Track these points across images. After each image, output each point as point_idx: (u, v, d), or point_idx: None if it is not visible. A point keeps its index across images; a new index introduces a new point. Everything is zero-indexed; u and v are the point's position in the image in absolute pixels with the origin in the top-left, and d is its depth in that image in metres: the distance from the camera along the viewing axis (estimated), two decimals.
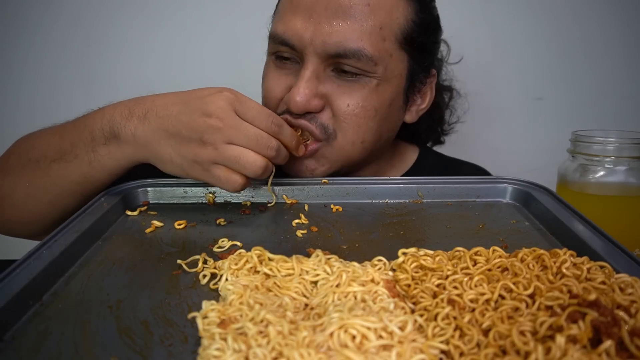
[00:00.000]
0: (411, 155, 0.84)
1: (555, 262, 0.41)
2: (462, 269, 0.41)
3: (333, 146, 0.66)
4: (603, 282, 0.38)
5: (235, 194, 0.63)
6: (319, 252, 0.45)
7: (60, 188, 0.60)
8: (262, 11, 1.01)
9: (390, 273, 0.43)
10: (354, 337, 0.32)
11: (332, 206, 0.61)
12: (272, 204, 0.62)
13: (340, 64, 0.63)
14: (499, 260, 0.42)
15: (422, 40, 0.68)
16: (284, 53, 0.67)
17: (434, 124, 0.88)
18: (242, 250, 0.46)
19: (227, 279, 0.42)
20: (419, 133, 0.86)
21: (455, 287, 0.38)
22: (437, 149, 0.92)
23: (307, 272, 0.42)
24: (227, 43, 1.09)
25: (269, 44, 0.70)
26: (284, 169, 0.68)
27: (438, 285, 0.39)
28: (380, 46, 0.63)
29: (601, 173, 0.66)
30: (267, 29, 0.81)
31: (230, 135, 0.53)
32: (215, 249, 0.50)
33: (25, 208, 0.63)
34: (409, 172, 0.81)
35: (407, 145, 0.86)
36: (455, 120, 0.90)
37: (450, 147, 0.95)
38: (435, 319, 0.35)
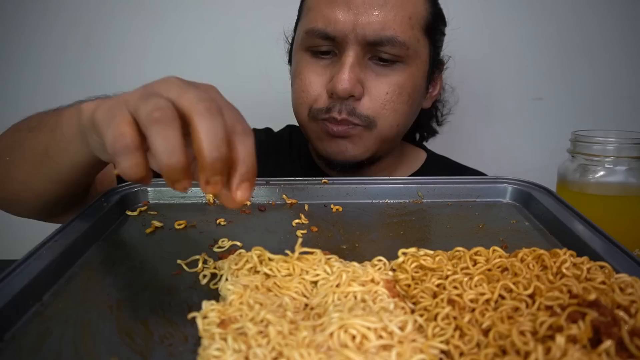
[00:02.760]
0: (418, 158, 0.86)
1: (555, 262, 0.41)
2: (462, 269, 0.41)
3: (372, 132, 0.71)
4: (603, 282, 0.38)
5: None
6: (318, 252, 0.45)
7: (34, 157, 0.56)
8: (262, 11, 1.01)
9: (390, 273, 0.43)
10: (354, 337, 0.32)
11: (332, 206, 0.61)
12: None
13: (377, 52, 0.68)
14: (499, 260, 0.42)
15: (437, 29, 0.75)
16: (321, 47, 0.70)
17: (431, 116, 0.91)
18: (242, 250, 0.46)
19: (227, 279, 0.42)
20: (421, 126, 0.90)
21: (455, 287, 0.38)
22: (438, 147, 0.92)
23: (307, 272, 0.42)
24: (227, 43, 1.10)
25: (304, 39, 0.71)
26: (316, 149, 0.74)
27: (438, 285, 0.39)
28: (410, 33, 0.69)
29: (601, 173, 0.66)
30: (285, 32, 0.83)
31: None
32: (215, 249, 0.50)
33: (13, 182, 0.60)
34: (418, 172, 0.83)
35: (413, 148, 0.88)
36: (447, 112, 0.93)
37: (450, 147, 0.95)
38: (435, 319, 0.35)
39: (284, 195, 0.63)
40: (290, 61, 0.80)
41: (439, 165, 0.86)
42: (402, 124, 0.73)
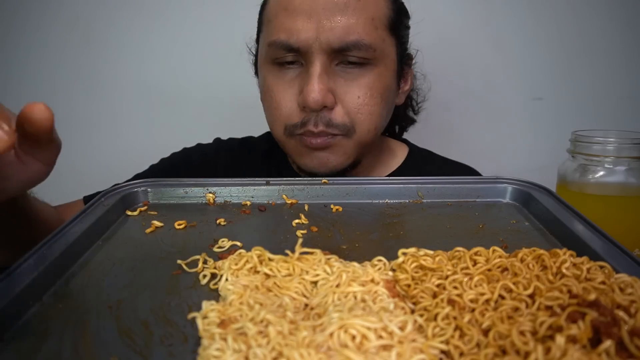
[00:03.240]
0: (400, 153, 0.85)
1: (555, 262, 0.41)
2: (462, 269, 0.41)
3: (352, 139, 0.70)
4: (603, 282, 0.38)
5: (236, 194, 0.63)
6: (318, 252, 0.45)
7: None
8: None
9: (390, 273, 0.43)
10: (354, 337, 0.32)
11: (332, 206, 0.61)
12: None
13: (344, 57, 0.67)
14: (498, 260, 0.42)
15: (401, 25, 0.74)
16: (286, 58, 0.68)
17: (407, 106, 0.91)
18: (242, 250, 0.46)
19: (227, 279, 0.42)
20: (398, 118, 0.89)
21: (455, 287, 0.38)
22: (438, 147, 0.92)
23: (307, 272, 0.42)
24: (227, 43, 1.09)
25: (267, 52, 0.70)
26: (297, 164, 0.73)
27: (438, 286, 0.39)
28: (374, 34, 0.68)
29: (601, 173, 0.66)
30: (247, 43, 0.81)
31: None
32: (215, 249, 0.50)
33: None
34: (399, 169, 0.82)
35: (395, 143, 0.87)
36: (422, 99, 0.93)
37: (450, 147, 0.95)
38: (435, 319, 0.35)
39: (284, 195, 0.63)
40: (256, 73, 0.79)
41: (421, 159, 0.85)
42: (379, 125, 0.73)
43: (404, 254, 0.44)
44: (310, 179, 0.66)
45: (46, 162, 0.45)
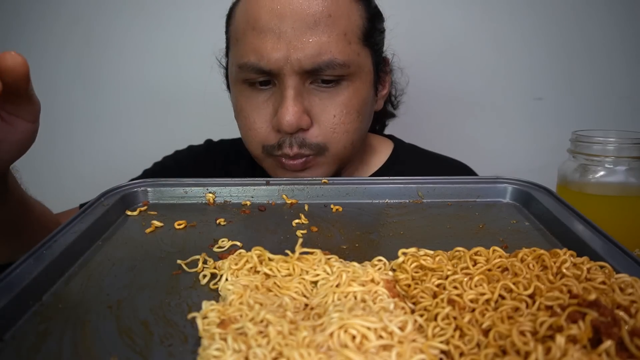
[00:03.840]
0: (385, 149, 0.84)
1: (555, 262, 0.41)
2: (462, 269, 0.41)
3: (326, 156, 0.69)
4: (603, 282, 0.38)
5: (236, 194, 0.63)
6: (318, 252, 0.45)
7: None
8: None
9: (390, 273, 0.43)
10: (354, 337, 0.32)
11: (332, 206, 0.61)
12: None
13: (318, 76, 0.65)
14: (499, 260, 0.42)
15: (375, 32, 0.70)
16: (258, 79, 0.66)
17: (385, 102, 0.88)
18: (242, 250, 0.46)
19: (227, 279, 0.42)
20: (380, 116, 0.87)
21: (455, 287, 0.38)
22: (437, 146, 0.91)
23: (307, 272, 0.42)
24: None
25: (238, 73, 0.67)
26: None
27: (438, 286, 0.39)
28: (348, 50, 0.65)
29: (601, 173, 0.66)
30: (217, 59, 0.79)
31: None
32: (215, 249, 0.50)
33: None
34: (384, 167, 0.81)
35: (378, 140, 0.86)
36: (401, 93, 0.91)
37: (450, 147, 0.95)
38: (435, 319, 0.35)
39: (284, 195, 0.63)
40: (228, 87, 0.76)
41: (406, 155, 0.84)
42: (356, 139, 0.71)
43: (404, 254, 0.44)
44: (310, 178, 0.66)
45: (31, 119, 0.47)
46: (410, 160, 0.83)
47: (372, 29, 0.70)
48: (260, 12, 0.64)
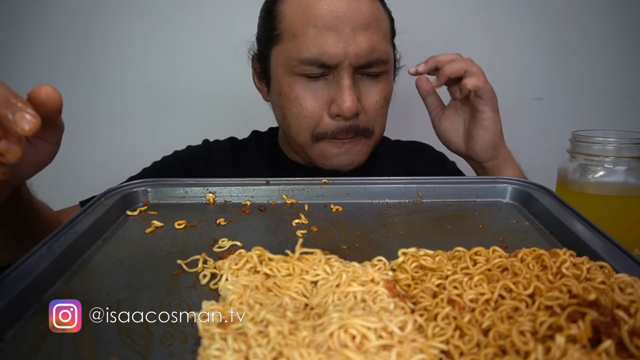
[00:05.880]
0: None
1: (555, 262, 0.41)
2: (462, 269, 0.41)
3: (371, 139, 0.78)
4: (603, 282, 0.38)
5: (236, 194, 0.63)
6: (318, 252, 0.45)
7: None
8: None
9: (390, 273, 0.43)
10: (354, 337, 0.32)
11: (332, 206, 0.61)
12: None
13: (365, 70, 0.74)
14: (498, 260, 0.42)
15: (395, 33, 0.81)
16: (315, 72, 0.73)
17: None
18: (242, 250, 0.46)
19: (227, 279, 0.42)
20: None
21: (455, 287, 0.38)
22: (437, 147, 0.91)
23: (307, 272, 0.42)
24: (227, 43, 1.09)
25: (296, 67, 0.73)
26: (319, 164, 0.78)
27: (438, 285, 0.39)
28: (388, 49, 0.76)
29: (601, 173, 0.66)
30: (249, 49, 0.82)
31: None
32: (215, 249, 0.50)
33: None
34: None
35: None
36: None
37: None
38: (435, 319, 0.35)
39: (284, 195, 0.63)
40: (261, 80, 0.81)
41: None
42: (385, 126, 0.81)
43: (404, 254, 0.44)
44: (310, 178, 0.66)
45: (54, 142, 0.48)
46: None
47: (394, 30, 0.80)
48: (321, 12, 0.71)
